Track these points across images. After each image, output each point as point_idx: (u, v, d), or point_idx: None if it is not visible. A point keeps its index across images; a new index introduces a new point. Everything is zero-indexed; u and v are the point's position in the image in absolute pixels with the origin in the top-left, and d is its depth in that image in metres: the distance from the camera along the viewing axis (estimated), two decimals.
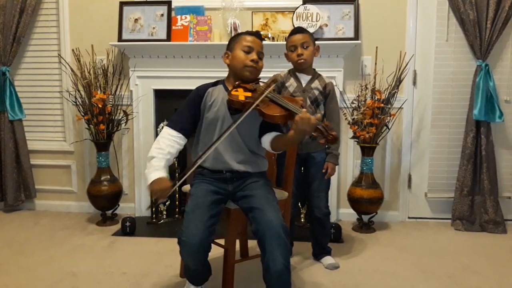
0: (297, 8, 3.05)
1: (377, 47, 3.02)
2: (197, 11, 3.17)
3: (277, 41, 3.07)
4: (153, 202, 1.73)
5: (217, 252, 2.06)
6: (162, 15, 3.16)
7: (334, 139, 1.68)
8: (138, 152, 3.29)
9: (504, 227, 3.02)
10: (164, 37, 3.14)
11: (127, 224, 2.89)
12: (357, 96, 3.00)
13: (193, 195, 1.84)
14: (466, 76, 3.09)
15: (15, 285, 2.15)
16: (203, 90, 1.94)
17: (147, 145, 3.25)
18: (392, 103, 2.98)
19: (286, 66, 2.44)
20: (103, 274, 2.28)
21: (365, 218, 3.04)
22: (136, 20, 3.19)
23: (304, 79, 2.38)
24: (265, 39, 2.97)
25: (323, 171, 2.37)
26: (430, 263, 2.47)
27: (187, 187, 2.10)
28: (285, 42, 2.40)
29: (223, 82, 1.97)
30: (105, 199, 3.10)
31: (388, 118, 2.95)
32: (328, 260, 2.42)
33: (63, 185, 3.48)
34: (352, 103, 3.02)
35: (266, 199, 1.79)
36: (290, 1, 3.13)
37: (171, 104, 3.19)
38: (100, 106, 3.02)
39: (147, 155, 3.21)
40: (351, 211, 3.07)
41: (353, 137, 3.02)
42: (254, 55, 1.88)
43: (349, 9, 3.09)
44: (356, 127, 2.93)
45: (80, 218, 3.28)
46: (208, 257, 1.75)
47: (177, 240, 1.71)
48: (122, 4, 3.20)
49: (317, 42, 2.40)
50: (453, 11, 3.05)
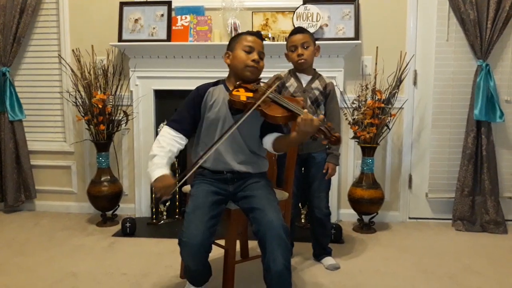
0: (297, 8, 3.05)
1: (377, 47, 3.02)
2: (197, 11, 3.16)
3: (277, 41, 3.06)
4: (157, 199, 1.73)
5: (217, 252, 2.05)
6: (162, 15, 3.16)
7: (337, 140, 1.68)
8: (138, 153, 3.29)
9: (505, 228, 3.02)
10: (164, 37, 3.14)
11: (127, 224, 2.89)
12: (358, 96, 3.00)
13: (193, 196, 1.83)
14: (467, 76, 3.09)
15: (15, 285, 2.15)
16: (203, 90, 1.93)
17: (147, 145, 3.24)
18: (393, 103, 2.98)
19: (286, 66, 2.44)
20: (103, 274, 2.28)
21: (366, 218, 3.04)
22: (136, 20, 3.19)
23: (305, 79, 2.37)
24: (265, 39, 2.97)
25: (324, 171, 2.36)
26: (431, 263, 2.46)
27: (187, 188, 2.10)
28: (285, 42, 2.40)
29: (223, 82, 1.97)
30: (105, 199, 3.10)
31: (389, 118, 2.95)
32: (328, 260, 2.42)
33: (63, 185, 3.48)
34: (353, 103, 3.02)
35: (267, 199, 1.79)
36: (290, 1, 3.13)
37: (171, 104, 3.19)
38: (100, 106, 3.02)
39: (147, 155, 3.26)
40: (352, 211, 3.07)
41: (353, 137, 3.01)
42: (255, 55, 1.88)
43: (349, 9, 3.09)
44: (357, 127, 2.93)
45: (80, 219, 3.27)
46: (209, 257, 1.74)
47: (177, 241, 1.71)
48: (122, 4, 3.19)
49: (317, 42, 2.40)
50: (453, 11, 3.04)
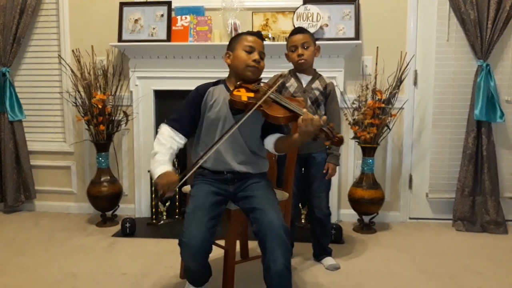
0: (297, 8, 3.04)
1: (377, 47, 3.02)
2: (197, 11, 3.16)
3: (278, 41, 3.06)
4: (160, 196, 1.73)
5: (217, 253, 2.05)
6: (162, 15, 3.16)
7: (340, 141, 1.68)
8: (138, 153, 3.29)
9: (505, 228, 3.02)
10: (164, 37, 3.14)
11: (127, 225, 2.89)
12: (358, 97, 2.99)
13: (193, 196, 1.83)
14: (467, 76, 3.08)
15: (15, 285, 2.15)
16: (203, 89, 1.92)
17: (147, 145, 3.24)
18: (393, 103, 2.97)
19: (286, 67, 2.43)
20: (103, 274, 2.28)
21: (366, 218, 3.04)
22: (136, 21, 3.18)
23: (305, 79, 2.37)
24: (266, 39, 2.96)
25: (324, 171, 2.36)
26: (431, 263, 2.46)
27: (187, 188, 2.10)
28: (285, 43, 2.40)
29: (224, 82, 1.96)
30: (105, 200, 3.09)
31: (389, 118, 2.95)
32: (328, 261, 2.42)
33: (63, 186, 3.47)
34: (353, 103, 3.02)
35: (267, 199, 1.78)
36: (290, 1, 3.13)
37: (171, 104, 3.18)
38: (100, 106, 3.02)
39: (147, 156, 3.25)
40: (352, 211, 3.07)
41: (354, 138, 3.01)
42: (256, 55, 1.87)
43: (349, 9, 3.09)
44: (357, 127, 2.92)
45: (80, 219, 3.27)
46: (209, 258, 1.74)
47: (177, 241, 1.70)
48: (122, 5, 3.19)
49: (317, 42, 2.39)
50: (453, 11, 3.04)
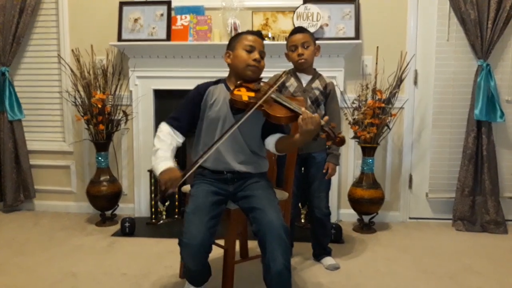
0: (297, 7, 3.04)
1: (377, 47, 3.01)
2: (197, 11, 3.16)
3: (278, 41, 3.06)
4: (163, 192, 1.72)
5: (217, 252, 2.04)
6: (162, 15, 3.16)
7: (342, 141, 1.67)
8: (137, 153, 3.29)
9: (505, 228, 3.02)
10: (164, 37, 3.13)
11: (127, 224, 2.88)
12: (358, 96, 2.99)
13: (193, 196, 1.82)
14: (467, 76, 3.08)
15: (15, 285, 2.14)
16: (203, 88, 1.92)
17: (147, 145, 3.24)
18: (393, 103, 2.97)
19: (286, 66, 2.42)
20: (102, 274, 2.27)
21: (366, 218, 3.03)
22: (135, 20, 3.18)
23: (305, 79, 2.37)
24: (266, 39, 2.96)
25: (324, 171, 2.36)
26: (431, 263, 2.46)
27: (187, 188, 2.09)
28: (285, 42, 2.39)
29: (224, 81, 1.96)
30: (104, 199, 3.09)
31: (389, 118, 2.95)
32: (328, 260, 2.41)
33: (63, 185, 3.47)
34: (353, 103, 3.01)
35: (267, 199, 1.78)
36: (290, 0, 3.12)
37: (171, 104, 3.18)
38: (100, 106, 3.01)
39: (147, 155, 3.26)
40: (352, 211, 3.06)
41: (354, 137, 3.00)
42: (256, 54, 1.87)
43: (349, 8, 3.09)
44: (357, 127, 2.92)
45: (80, 219, 3.27)
46: (208, 257, 1.74)
47: (178, 241, 1.70)
48: (122, 4, 3.19)
49: (317, 42, 2.39)
50: (454, 10, 3.04)
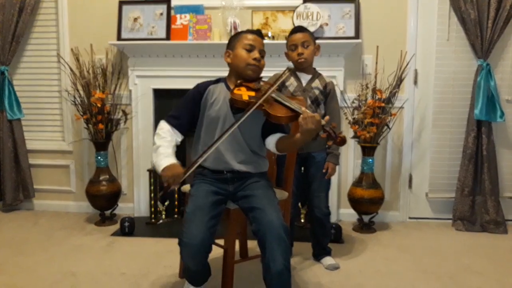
0: (297, 7, 3.04)
1: (377, 46, 3.01)
2: (196, 10, 3.15)
3: (277, 40, 3.05)
4: (165, 188, 1.72)
5: (216, 252, 2.04)
6: (162, 14, 3.15)
7: (343, 141, 1.67)
8: (137, 152, 3.28)
9: (505, 228, 3.01)
10: (164, 36, 3.13)
11: (126, 224, 2.88)
12: (358, 96, 2.99)
13: (193, 196, 1.82)
14: (467, 76, 3.08)
15: (14, 285, 2.14)
16: (203, 87, 1.92)
17: (147, 144, 3.24)
18: (393, 102, 2.97)
19: (286, 66, 2.41)
20: (102, 274, 2.27)
21: (366, 218, 3.03)
22: (135, 19, 3.17)
23: (305, 78, 2.36)
24: (265, 38, 2.95)
25: (324, 171, 2.36)
26: (431, 263, 2.46)
27: (186, 187, 2.09)
28: (285, 41, 2.39)
29: (224, 80, 1.95)
30: (103, 199, 3.09)
31: (389, 117, 2.94)
32: (328, 260, 2.41)
33: (62, 185, 3.46)
34: (353, 102, 3.01)
35: (267, 199, 1.78)
36: (290, 0, 3.11)
37: (170, 103, 3.18)
38: (99, 105, 3.01)
39: (146, 154, 3.25)
40: (352, 211, 3.06)
41: (353, 137, 3.00)
42: (256, 54, 1.86)
43: (349, 8, 3.08)
44: (357, 126, 2.92)
45: (79, 218, 3.26)
46: (208, 257, 1.73)
47: (177, 240, 1.70)
48: (121, 3, 3.18)
49: (317, 41, 2.39)
50: (454, 10, 3.03)
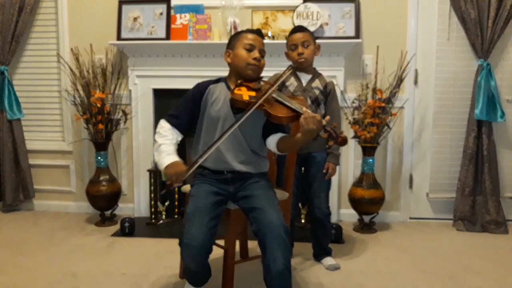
0: (297, 6, 3.03)
1: (378, 46, 3.01)
2: (196, 9, 3.15)
3: (277, 40, 3.05)
4: (168, 186, 1.72)
5: (217, 253, 2.03)
6: (161, 13, 3.15)
7: (344, 141, 1.66)
8: (137, 152, 3.27)
9: (506, 228, 3.01)
10: (164, 35, 3.12)
11: (126, 224, 2.87)
12: (358, 96, 2.99)
13: (194, 196, 1.81)
14: (468, 76, 3.07)
15: (14, 285, 2.13)
16: (204, 87, 1.91)
17: (147, 144, 3.23)
18: (393, 102, 2.97)
19: (286, 65, 2.41)
20: (102, 274, 2.27)
21: (366, 218, 3.03)
22: (135, 19, 3.17)
23: (305, 78, 2.36)
24: (265, 38, 2.95)
25: (324, 171, 2.35)
26: (431, 263, 2.45)
27: (187, 188, 2.08)
28: (285, 41, 2.39)
29: (225, 80, 1.95)
30: (104, 199, 3.08)
31: (389, 117, 2.94)
32: (328, 261, 2.41)
33: (62, 185, 3.46)
34: (353, 102, 3.01)
35: (268, 199, 1.77)
36: None
37: (170, 103, 3.16)
38: (99, 105, 3.00)
39: (146, 155, 3.25)
40: (352, 211, 3.06)
41: (354, 137, 3.00)
42: (256, 53, 1.86)
43: (349, 7, 3.08)
44: (357, 126, 2.91)
45: (79, 219, 3.26)
46: (209, 258, 1.73)
47: (177, 241, 1.70)
48: (121, 3, 3.18)
49: (317, 41, 2.38)
50: (454, 10, 3.03)
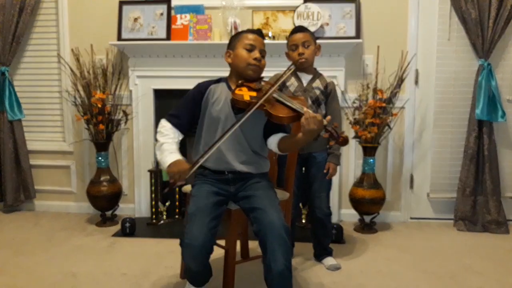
0: (298, 7, 3.03)
1: (378, 46, 3.01)
2: (197, 10, 3.15)
3: (278, 40, 3.05)
4: (171, 184, 1.72)
5: (217, 253, 2.03)
6: (162, 14, 3.15)
7: (345, 141, 1.66)
8: (137, 152, 3.28)
9: (507, 228, 3.01)
10: (164, 36, 3.13)
11: (127, 225, 2.88)
12: (359, 96, 2.98)
13: (195, 197, 1.81)
14: (468, 76, 3.07)
15: (14, 285, 2.14)
16: (204, 86, 1.91)
17: (147, 145, 3.23)
18: (394, 102, 2.96)
19: (286, 65, 2.41)
20: (103, 274, 2.27)
21: (367, 218, 3.03)
22: (135, 19, 3.17)
23: (305, 78, 2.36)
24: (266, 38, 2.95)
25: (325, 171, 2.35)
26: (432, 263, 2.45)
27: (187, 188, 2.08)
28: (285, 41, 2.38)
29: (225, 80, 1.95)
30: (104, 199, 3.09)
31: (390, 117, 2.94)
32: (329, 261, 2.41)
33: (63, 185, 3.46)
34: (354, 102, 3.00)
35: (268, 199, 1.77)
36: (291, 0, 3.11)
37: (171, 104, 3.16)
38: (100, 106, 3.01)
39: (147, 155, 3.25)
40: (353, 211, 3.05)
41: (354, 137, 2.99)
42: (257, 53, 1.86)
43: (350, 7, 3.07)
44: (358, 126, 2.91)
45: (80, 219, 3.26)
46: (210, 258, 1.73)
47: (178, 241, 1.69)
48: (122, 3, 3.18)
49: (318, 41, 2.38)
50: (455, 10, 3.03)
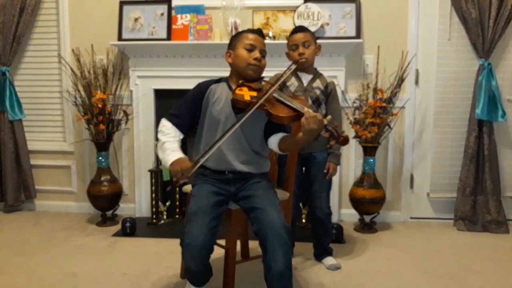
0: (298, 6, 3.03)
1: (379, 46, 3.01)
2: (197, 10, 3.15)
3: (278, 40, 3.05)
4: (173, 183, 1.72)
5: (218, 252, 2.03)
6: (162, 14, 3.15)
7: (345, 140, 1.66)
8: (138, 152, 3.28)
9: (507, 227, 3.01)
10: (164, 36, 3.13)
11: (127, 224, 2.88)
12: (359, 96, 2.99)
13: (195, 196, 1.82)
14: (469, 75, 3.07)
15: (15, 285, 2.14)
16: (205, 86, 1.92)
17: (148, 145, 3.24)
18: (394, 102, 2.97)
19: (287, 65, 2.41)
20: (103, 274, 2.27)
21: (367, 218, 3.03)
22: (136, 20, 3.17)
23: (306, 78, 2.36)
24: (266, 38, 2.95)
25: (325, 171, 2.35)
26: (432, 263, 2.45)
27: (188, 188, 2.09)
28: (286, 41, 2.39)
29: (226, 80, 1.95)
30: (105, 199, 3.09)
31: (390, 117, 2.94)
32: (329, 260, 2.41)
33: (63, 185, 3.47)
34: (354, 102, 3.01)
35: (269, 199, 1.78)
36: (291, 0, 3.11)
37: (171, 104, 3.16)
38: (100, 106, 3.01)
39: (147, 155, 3.25)
40: (353, 211, 3.06)
41: (355, 137, 3.00)
42: (257, 53, 1.86)
43: (350, 7, 3.08)
44: (358, 126, 2.91)
45: (80, 219, 3.26)
46: (210, 258, 1.73)
47: (178, 241, 1.70)
48: (122, 3, 3.18)
49: (318, 41, 2.38)
50: (455, 9, 3.03)
